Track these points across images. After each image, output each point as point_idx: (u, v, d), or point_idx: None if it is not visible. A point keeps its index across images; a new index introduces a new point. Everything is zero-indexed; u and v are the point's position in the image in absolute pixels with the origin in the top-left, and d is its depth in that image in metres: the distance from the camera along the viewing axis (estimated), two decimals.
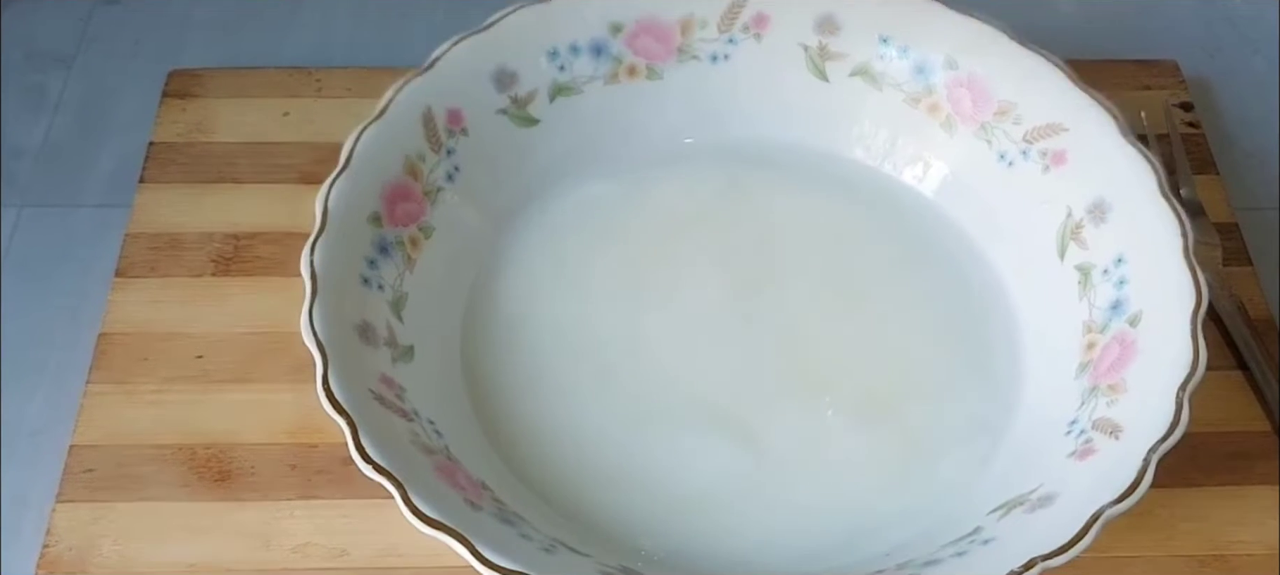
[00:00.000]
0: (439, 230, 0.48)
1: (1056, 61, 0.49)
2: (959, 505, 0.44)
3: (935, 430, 0.46)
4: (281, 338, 0.46)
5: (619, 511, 0.44)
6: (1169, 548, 0.44)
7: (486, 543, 0.38)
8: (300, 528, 0.45)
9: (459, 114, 0.49)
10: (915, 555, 0.42)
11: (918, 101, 0.51)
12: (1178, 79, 0.58)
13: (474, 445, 0.45)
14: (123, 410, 0.47)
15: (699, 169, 0.53)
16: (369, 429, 0.40)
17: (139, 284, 0.51)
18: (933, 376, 0.48)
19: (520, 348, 0.48)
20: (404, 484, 0.39)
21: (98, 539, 0.44)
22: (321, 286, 0.43)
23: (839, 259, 0.51)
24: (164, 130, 0.55)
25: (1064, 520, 0.39)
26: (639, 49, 0.52)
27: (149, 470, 0.46)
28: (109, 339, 0.49)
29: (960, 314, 0.49)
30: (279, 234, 0.51)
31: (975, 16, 0.50)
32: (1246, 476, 0.46)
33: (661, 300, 0.49)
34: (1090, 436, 0.42)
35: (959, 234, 0.51)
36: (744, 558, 0.43)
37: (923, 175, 0.52)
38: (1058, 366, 0.46)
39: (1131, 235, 0.46)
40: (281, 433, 0.46)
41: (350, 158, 0.46)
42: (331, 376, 0.41)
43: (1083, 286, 0.47)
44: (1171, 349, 0.42)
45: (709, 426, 0.46)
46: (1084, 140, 0.48)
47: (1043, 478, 0.42)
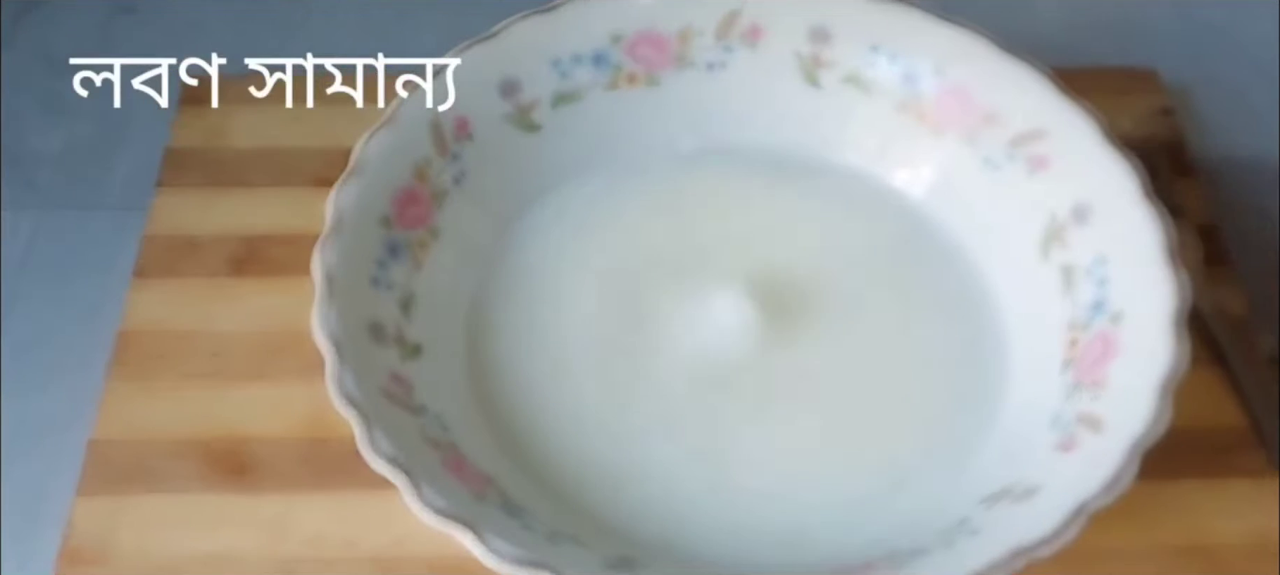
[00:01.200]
0: (446, 232, 0.48)
1: (1041, 69, 0.49)
2: (946, 496, 0.44)
3: (923, 423, 0.47)
4: (294, 336, 0.46)
5: (620, 505, 0.44)
6: (1151, 538, 0.45)
7: (492, 533, 0.39)
8: (313, 519, 0.45)
9: (465, 120, 0.50)
10: (903, 545, 0.42)
11: (907, 108, 0.51)
12: (1158, 85, 0.58)
13: (479, 440, 0.45)
14: (141, 406, 0.48)
15: (695, 172, 0.53)
16: (379, 424, 0.40)
17: (157, 284, 0.51)
18: (921, 371, 0.48)
19: (524, 346, 0.48)
20: (413, 476, 0.39)
21: (117, 531, 0.45)
22: (333, 287, 0.43)
23: (832, 259, 0.51)
24: (180, 136, 0.56)
25: (1049, 511, 0.39)
26: (639, 58, 0.52)
27: (167, 464, 0.46)
28: (128, 337, 0.49)
29: (947, 311, 0.49)
30: (292, 236, 0.51)
31: (962, 26, 0.50)
32: (1226, 469, 0.47)
33: (660, 299, 0.49)
34: (1074, 430, 0.43)
35: (947, 235, 0.51)
36: (736, 548, 0.44)
37: (912, 179, 0.52)
38: (1042, 362, 0.46)
39: (1113, 236, 0.46)
40: (295, 427, 0.47)
41: (360, 162, 0.47)
42: (342, 374, 0.41)
43: (1066, 286, 0.47)
44: (1153, 346, 0.42)
45: (706, 421, 0.47)
46: (1067, 145, 0.48)
47: (1028, 470, 0.43)
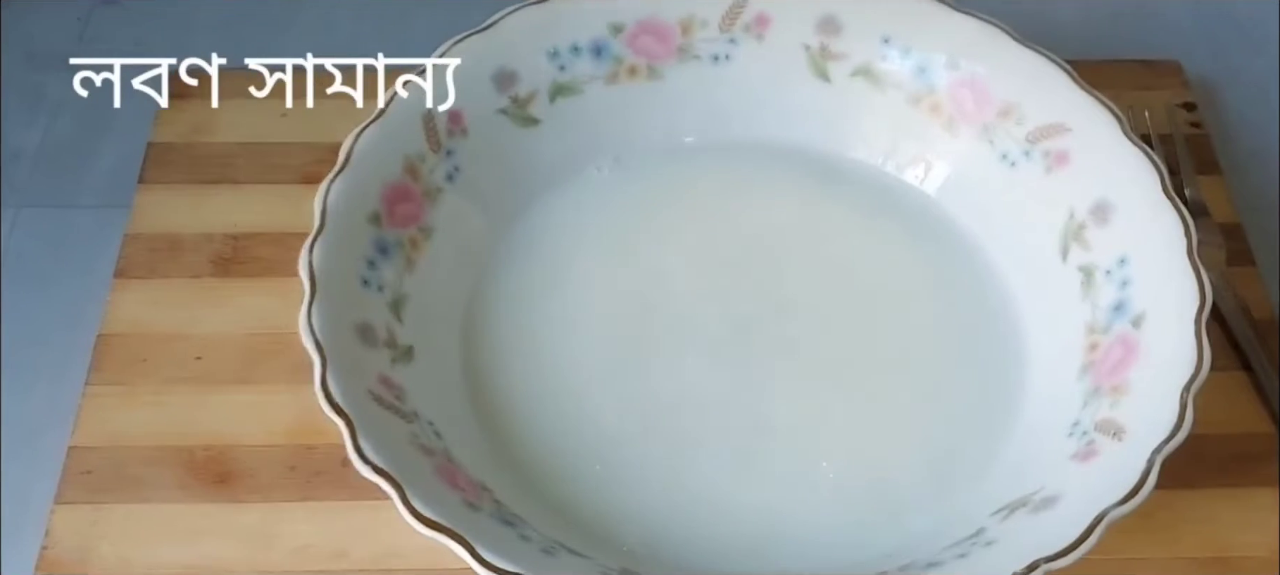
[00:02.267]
0: (439, 231, 0.48)
1: (1059, 62, 0.49)
2: (961, 506, 0.44)
3: (936, 431, 0.46)
4: (281, 339, 0.46)
5: (618, 513, 0.44)
6: (1172, 550, 0.44)
7: (486, 544, 0.38)
8: (299, 529, 0.45)
9: (459, 114, 0.49)
10: (917, 557, 0.42)
11: (919, 102, 0.51)
12: (1180, 79, 0.58)
13: (474, 446, 0.44)
14: (122, 411, 0.47)
15: (700, 169, 0.53)
16: (368, 430, 0.40)
17: (138, 285, 0.51)
18: (934, 377, 0.48)
19: (520, 349, 0.48)
20: (403, 485, 0.39)
21: (97, 541, 0.44)
22: (320, 287, 0.43)
23: (840, 259, 0.51)
24: (163, 131, 0.55)
25: (1067, 522, 0.39)
26: (640, 49, 0.52)
27: (148, 471, 0.46)
28: (108, 340, 0.49)
29: (961, 314, 0.49)
30: (278, 235, 0.51)
31: (977, 17, 0.50)
32: (1250, 478, 0.46)
33: (661, 300, 0.49)
34: (1093, 438, 0.42)
35: (961, 234, 0.51)
36: (742, 559, 0.43)
37: (924, 176, 0.52)
38: (1060, 367, 0.46)
39: (1134, 236, 0.46)
40: (281, 434, 0.47)
41: (349, 158, 0.46)
42: (330, 377, 0.41)
43: (1085, 287, 0.46)
44: (1175, 350, 0.42)
45: (708, 427, 0.46)
46: (1087, 141, 0.48)
47: (1045, 479, 0.42)
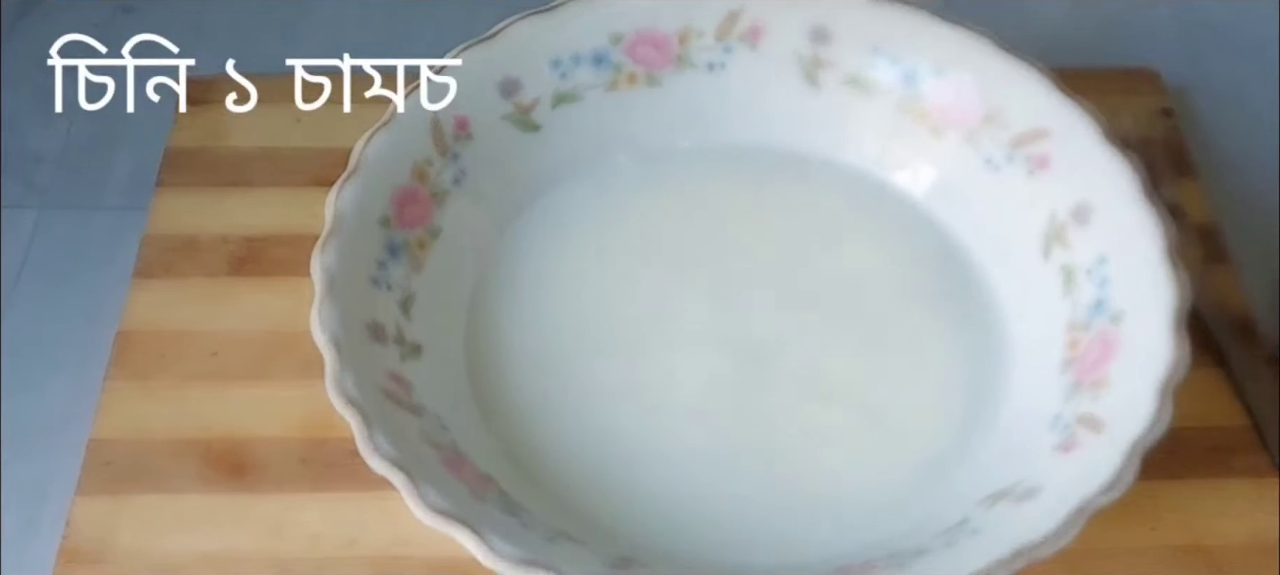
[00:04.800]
0: (446, 232, 0.48)
1: (1041, 69, 0.49)
2: (946, 497, 0.44)
3: (923, 424, 0.47)
4: (294, 336, 0.46)
5: (620, 505, 0.44)
6: (1152, 538, 0.45)
7: (492, 532, 0.39)
8: (311, 519, 0.45)
9: (465, 120, 0.50)
10: (904, 546, 0.42)
11: (907, 108, 0.51)
12: (1159, 86, 0.58)
13: (479, 439, 0.45)
14: (141, 405, 0.48)
15: (696, 173, 0.53)
16: (378, 424, 0.40)
17: (156, 284, 0.51)
18: (922, 371, 0.48)
19: (523, 345, 0.48)
20: (412, 477, 0.39)
21: (116, 530, 0.44)
22: (332, 287, 0.43)
23: (832, 259, 0.51)
24: (180, 136, 0.56)
25: (1050, 512, 0.39)
26: (638, 57, 0.52)
27: (166, 463, 0.46)
28: (127, 337, 0.49)
29: (948, 312, 0.49)
30: (292, 236, 0.51)
31: (962, 26, 0.50)
32: (1226, 469, 0.46)
33: (659, 299, 0.50)
34: (1074, 430, 0.43)
35: (947, 235, 0.51)
36: (737, 550, 0.44)
37: (912, 180, 0.52)
38: (1042, 363, 0.46)
39: (1114, 236, 0.46)
40: (293, 427, 0.47)
41: (360, 162, 0.47)
42: (342, 374, 0.41)
43: (1066, 286, 0.47)
44: (1153, 346, 0.42)
45: (704, 422, 0.47)
46: (1068, 145, 0.48)
47: (1028, 471, 0.43)
